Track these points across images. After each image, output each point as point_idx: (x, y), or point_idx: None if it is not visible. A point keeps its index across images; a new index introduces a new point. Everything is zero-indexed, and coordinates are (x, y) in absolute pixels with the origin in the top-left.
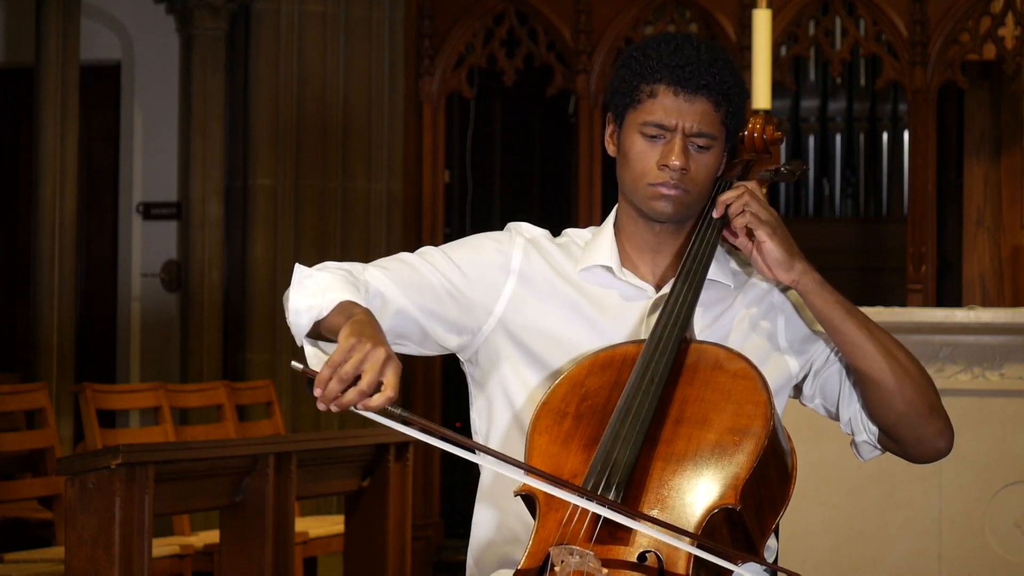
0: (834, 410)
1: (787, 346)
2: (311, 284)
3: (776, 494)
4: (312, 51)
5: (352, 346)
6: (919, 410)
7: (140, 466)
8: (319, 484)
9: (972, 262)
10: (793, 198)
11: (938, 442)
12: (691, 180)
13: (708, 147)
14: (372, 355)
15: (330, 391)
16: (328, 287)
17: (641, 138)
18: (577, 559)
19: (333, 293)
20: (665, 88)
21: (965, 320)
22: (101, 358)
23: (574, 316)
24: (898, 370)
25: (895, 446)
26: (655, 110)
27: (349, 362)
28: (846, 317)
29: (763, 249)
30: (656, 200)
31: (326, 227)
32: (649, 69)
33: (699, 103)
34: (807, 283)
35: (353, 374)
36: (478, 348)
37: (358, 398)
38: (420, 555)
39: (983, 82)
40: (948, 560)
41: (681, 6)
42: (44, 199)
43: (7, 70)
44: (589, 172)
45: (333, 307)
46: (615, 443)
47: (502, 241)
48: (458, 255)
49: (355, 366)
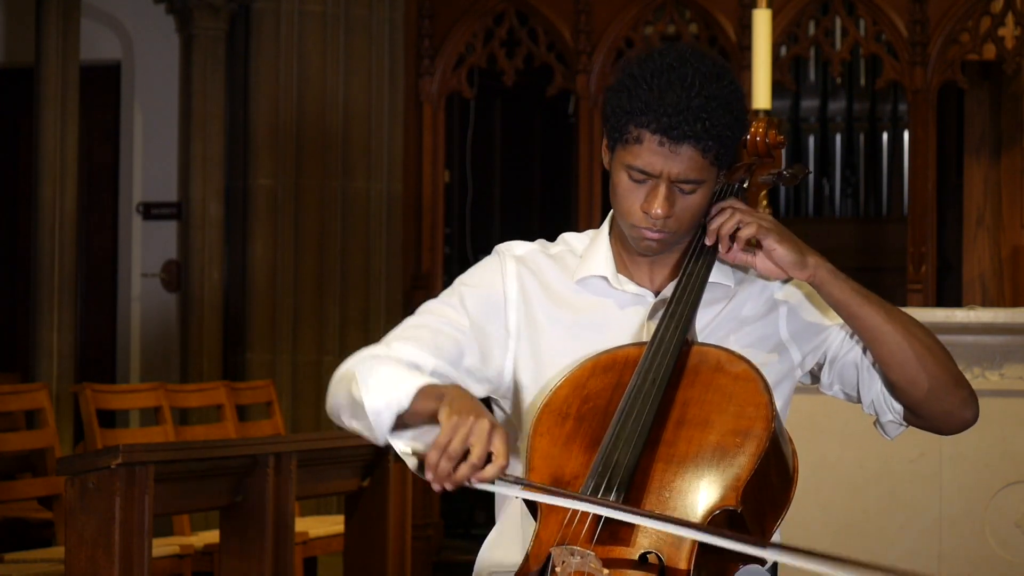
0: (854, 395)
1: (788, 336)
2: (377, 382)
3: (777, 496)
4: (312, 51)
5: (456, 424)
6: (944, 383)
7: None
8: (319, 484)
9: (972, 262)
10: (793, 198)
11: (964, 412)
12: (676, 222)
13: (694, 191)
14: (476, 427)
15: (441, 470)
16: (397, 378)
17: (627, 177)
18: (578, 560)
19: (406, 383)
20: (650, 136)
21: (965, 320)
22: (101, 358)
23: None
24: (919, 348)
25: (921, 421)
26: (639, 154)
27: (456, 439)
28: (863, 303)
29: (775, 256)
30: (640, 241)
31: (326, 227)
32: (637, 110)
33: (684, 151)
34: (822, 275)
35: (462, 450)
36: (508, 385)
37: (470, 472)
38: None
39: (983, 82)
40: (948, 560)
41: (681, 6)
42: (44, 199)
43: (7, 70)
44: (589, 172)
45: (412, 396)
46: (616, 445)
47: (494, 272)
48: (462, 302)
49: (462, 442)
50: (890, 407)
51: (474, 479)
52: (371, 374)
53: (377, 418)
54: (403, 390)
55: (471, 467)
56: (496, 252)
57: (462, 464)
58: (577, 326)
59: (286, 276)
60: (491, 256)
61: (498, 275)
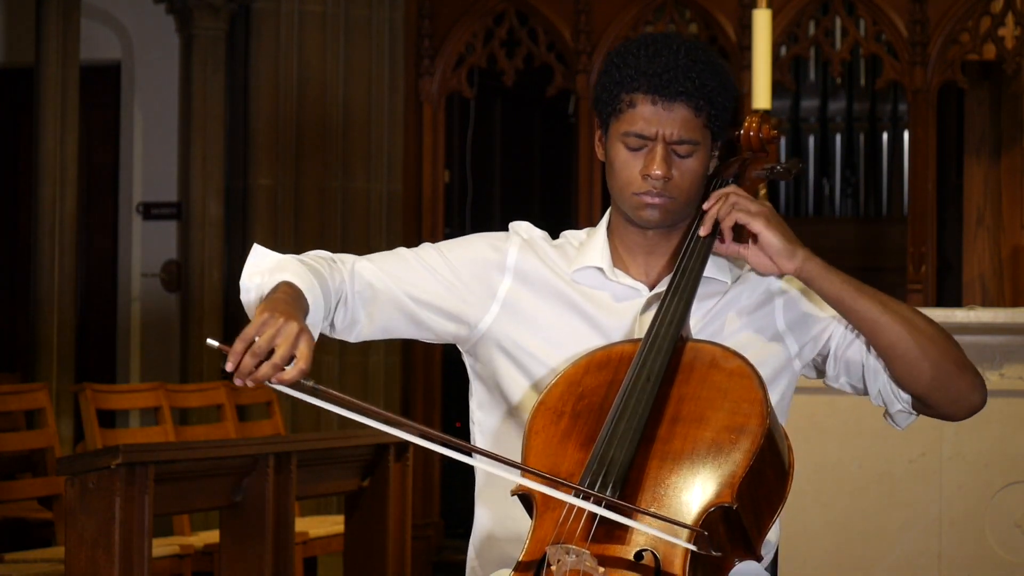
0: (861, 386)
1: (785, 328)
2: (260, 262)
3: (773, 492)
4: (312, 51)
5: (265, 321)
6: (948, 371)
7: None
8: (319, 484)
9: (972, 262)
10: (793, 198)
11: (972, 396)
12: (675, 187)
13: (691, 153)
14: (285, 329)
15: (244, 365)
16: (277, 267)
17: (624, 148)
18: (573, 558)
19: (279, 273)
20: (643, 97)
21: (965, 320)
22: (101, 358)
23: (570, 313)
24: (919, 337)
25: (930, 409)
26: (635, 120)
27: (263, 336)
28: (857, 295)
29: (762, 241)
30: (642, 209)
31: (326, 227)
32: (628, 78)
33: (678, 110)
34: (811, 268)
35: (267, 348)
36: (476, 342)
37: (272, 371)
38: (420, 555)
39: (983, 82)
40: (948, 560)
41: (681, 6)
42: (44, 199)
43: (7, 70)
44: (589, 172)
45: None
46: (611, 442)
47: (499, 240)
48: (454, 252)
49: (268, 340)
50: (898, 397)
51: (274, 379)
52: (264, 255)
53: (246, 296)
54: (273, 278)
55: (273, 366)
56: (509, 227)
57: (265, 363)
58: (569, 313)
59: None
60: (502, 231)
61: (502, 243)
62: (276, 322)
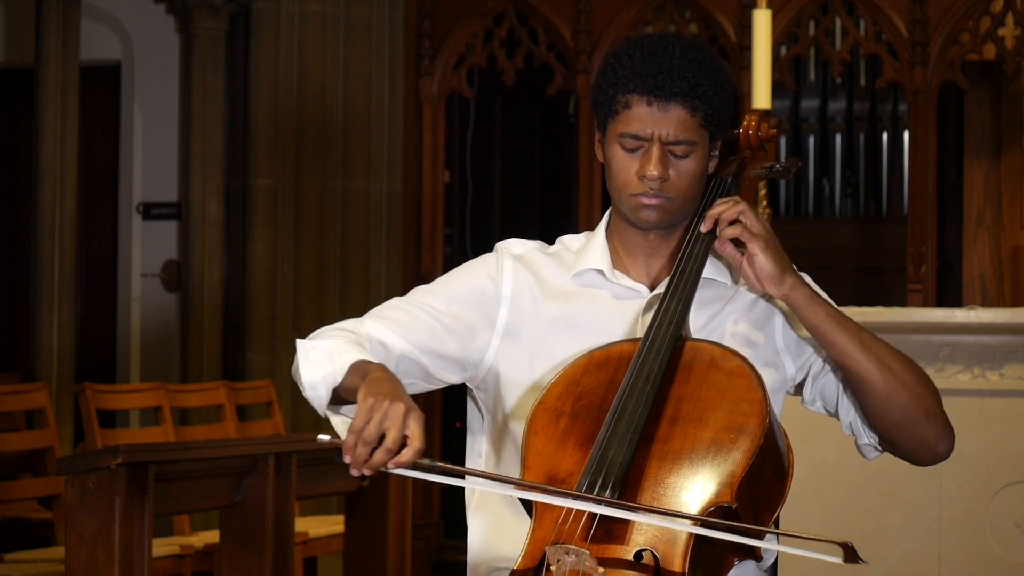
0: (834, 412)
1: (784, 347)
2: (316, 355)
3: (772, 491)
4: (312, 51)
5: (371, 407)
6: (914, 418)
7: (140, 466)
8: (319, 484)
9: (972, 262)
10: (793, 198)
11: (937, 447)
12: (673, 187)
13: (688, 153)
14: (392, 411)
15: (358, 456)
16: (335, 352)
17: (621, 149)
18: (573, 558)
19: (342, 357)
20: (638, 98)
21: (965, 320)
22: (101, 358)
23: (569, 334)
24: (891, 379)
25: (895, 450)
26: (630, 121)
27: (371, 423)
28: (836, 329)
29: (755, 263)
30: (640, 210)
31: (326, 227)
32: (623, 79)
33: (674, 111)
34: (797, 297)
35: (377, 434)
36: (484, 376)
37: (386, 457)
38: (420, 555)
39: (983, 82)
40: (948, 560)
41: (681, 6)
42: (44, 199)
43: (7, 70)
44: (589, 172)
45: (346, 370)
46: (610, 442)
47: (490, 267)
48: (450, 291)
49: (377, 426)
50: (865, 432)
51: (390, 464)
52: (314, 348)
53: (314, 392)
54: (339, 364)
55: (387, 452)
56: (496, 249)
57: (378, 449)
58: (572, 319)
59: (286, 276)
60: (490, 253)
61: (494, 271)
62: (382, 406)
